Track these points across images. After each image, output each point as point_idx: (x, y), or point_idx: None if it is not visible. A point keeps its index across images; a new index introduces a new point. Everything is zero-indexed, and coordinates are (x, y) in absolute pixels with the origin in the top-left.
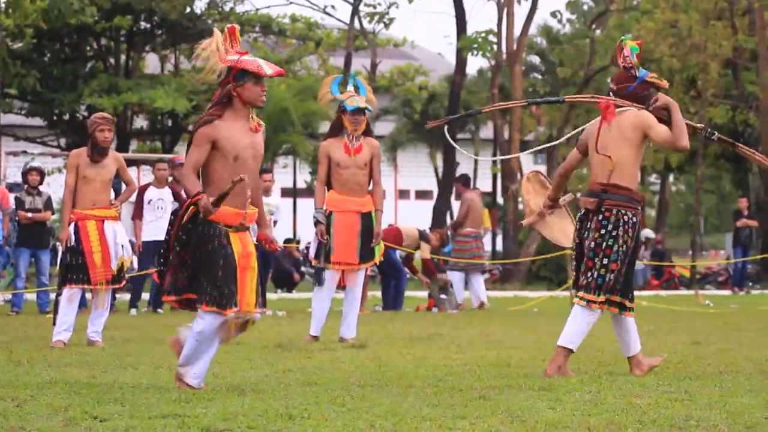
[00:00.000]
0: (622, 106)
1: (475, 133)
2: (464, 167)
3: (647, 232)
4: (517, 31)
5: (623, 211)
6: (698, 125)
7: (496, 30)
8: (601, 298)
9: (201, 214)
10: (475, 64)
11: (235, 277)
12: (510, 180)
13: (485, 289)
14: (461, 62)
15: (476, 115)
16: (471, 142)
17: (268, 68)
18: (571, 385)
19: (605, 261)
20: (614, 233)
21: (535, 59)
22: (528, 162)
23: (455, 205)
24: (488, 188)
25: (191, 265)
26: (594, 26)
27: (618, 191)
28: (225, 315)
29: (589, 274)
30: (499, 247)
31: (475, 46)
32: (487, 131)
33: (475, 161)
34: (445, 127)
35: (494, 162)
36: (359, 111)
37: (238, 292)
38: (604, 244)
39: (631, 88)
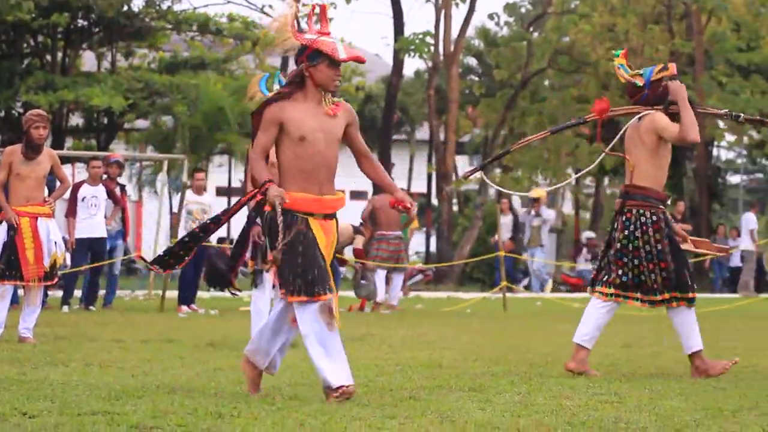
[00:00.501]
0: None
1: (411, 135)
2: (399, 168)
3: (588, 234)
4: (454, 32)
5: (642, 211)
6: (721, 111)
7: (433, 31)
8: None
9: (269, 204)
10: (412, 65)
11: (322, 262)
12: (445, 181)
13: (409, 292)
14: (398, 63)
15: (506, 155)
16: (407, 143)
17: (343, 52)
18: (501, 387)
19: (636, 261)
20: (636, 233)
21: (472, 61)
22: (463, 164)
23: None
24: (423, 189)
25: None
26: (531, 29)
27: (637, 191)
28: (316, 301)
29: (620, 272)
30: (433, 248)
31: (413, 47)
32: (422, 132)
33: (410, 161)
34: (481, 172)
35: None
36: None
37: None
38: (630, 245)
39: (645, 95)
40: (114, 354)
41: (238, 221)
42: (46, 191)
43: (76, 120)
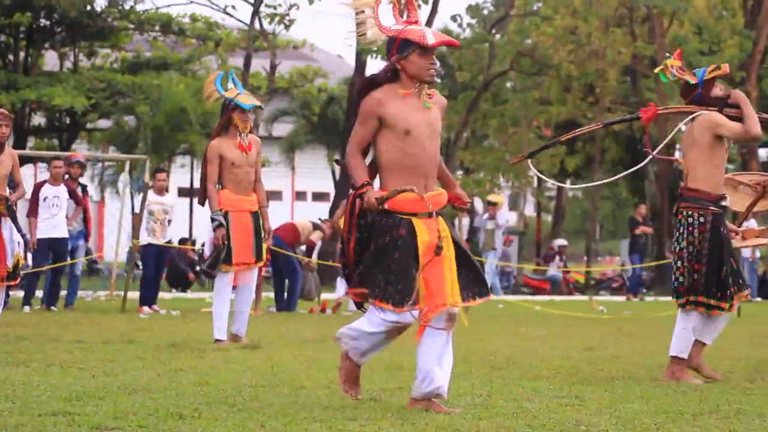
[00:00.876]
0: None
1: None
2: None
3: (560, 241)
4: None
5: (690, 212)
6: (765, 115)
7: None
8: (682, 300)
9: (365, 208)
10: (375, 66)
11: (414, 272)
12: None
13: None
14: (361, 65)
15: (556, 144)
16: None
17: (432, 37)
18: (462, 389)
19: (679, 263)
20: (684, 234)
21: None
22: None
23: None
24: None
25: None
26: (494, 31)
27: (689, 194)
28: (397, 313)
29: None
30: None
31: (375, 48)
32: None
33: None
34: (529, 161)
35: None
36: (251, 109)
37: (426, 288)
38: (677, 247)
39: (698, 95)
40: (75, 355)
41: (201, 223)
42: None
43: (38, 119)
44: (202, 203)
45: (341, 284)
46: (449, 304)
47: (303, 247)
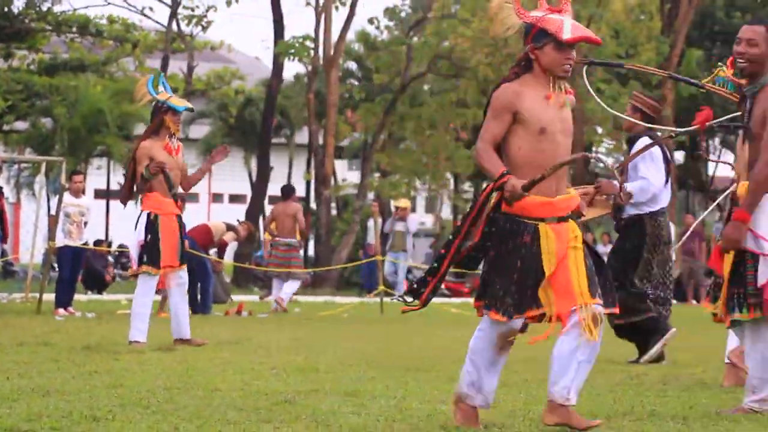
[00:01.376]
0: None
1: (290, 138)
2: (278, 172)
3: None
4: (334, 36)
5: None
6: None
7: (313, 35)
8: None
9: (507, 200)
10: (292, 69)
11: (536, 283)
12: (324, 186)
13: (293, 294)
14: (278, 67)
15: (619, 67)
16: (286, 147)
17: (570, 30)
18: (377, 391)
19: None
20: None
21: (352, 65)
22: (342, 168)
23: (268, 209)
24: (302, 193)
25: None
26: (411, 33)
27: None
28: (503, 322)
29: None
30: (311, 252)
31: (293, 51)
32: (302, 136)
33: (290, 165)
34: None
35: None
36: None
37: (555, 294)
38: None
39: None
40: None
41: (118, 225)
42: None
43: None
44: (124, 202)
45: (277, 285)
46: (580, 305)
47: (214, 250)
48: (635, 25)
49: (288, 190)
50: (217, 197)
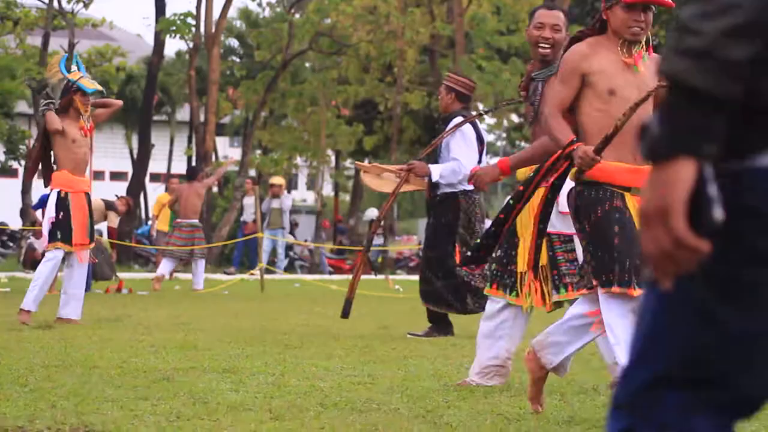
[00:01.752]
0: None
1: (171, 116)
2: (159, 149)
3: (371, 212)
4: (216, 13)
5: None
6: None
7: (195, 12)
8: None
9: (577, 167)
10: (174, 46)
11: (638, 249)
12: (205, 162)
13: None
14: (159, 44)
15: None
16: (167, 124)
17: None
18: (255, 368)
19: None
20: None
21: (234, 42)
22: (224, 145)
23: (150, 187)
24: (183, 170)
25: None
26: (293, 10)
27: None
28: (632, 296)
29: None
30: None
31: (174, 28)
32: (183, 114)
33: (171, 142)
34: None
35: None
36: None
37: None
38: None
39: None
40: None
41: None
42: None
43: None
44: (30, 179)
45: (166, 264)
46: None
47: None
48: (516, 2)
49: (194, 171)
50: (98, 175)
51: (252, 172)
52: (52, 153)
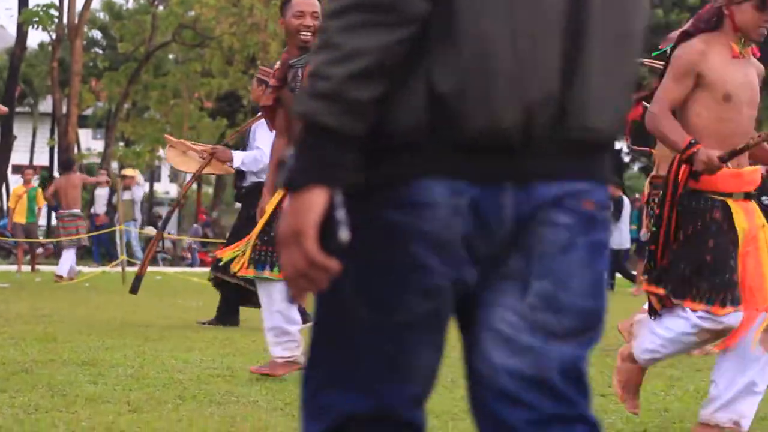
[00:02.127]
0: None
1: (34, 107)
2: (21, 141)
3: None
4: (79, 5)
5: None
6: None
7: (57, 3)
8: None
9: (700, 171)
10: (37, 37)
11: (734, 264)
12: (67, 154)
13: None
14: (22, 35)
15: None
16: (30, 115)
17: None
18: (115, 360)
19: None
20: None
21: (97, 34)
22: (87, 137)
23: (12, 179)
24: (46, 162)
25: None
26: (156, 2)
27: None
28: (717, 315)
29: None
30: (54, 221)
31: (37, 19)
32: (46, 105)
33: (33, 134)
34: None
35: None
36: None
37: (742, 286)
38: None
39: None
40: None
41: None
42: None
43: None
44: None
45: (67, 259)
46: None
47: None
48: None
49: (69, 163)
50: None
51: (114, 165)
52: None
